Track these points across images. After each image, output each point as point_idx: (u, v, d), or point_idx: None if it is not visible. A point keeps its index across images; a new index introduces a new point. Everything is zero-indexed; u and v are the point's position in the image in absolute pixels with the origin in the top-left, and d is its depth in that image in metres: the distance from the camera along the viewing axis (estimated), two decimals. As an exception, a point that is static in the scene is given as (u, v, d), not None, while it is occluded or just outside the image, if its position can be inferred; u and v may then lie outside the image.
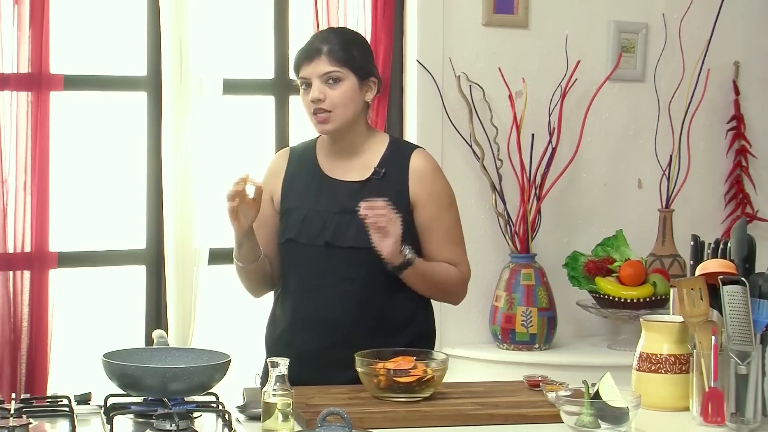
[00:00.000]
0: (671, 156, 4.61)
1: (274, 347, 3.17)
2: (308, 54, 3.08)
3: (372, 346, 2.92)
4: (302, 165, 3.20)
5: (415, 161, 3.14)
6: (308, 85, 3.09)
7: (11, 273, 3.98)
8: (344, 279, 3.07)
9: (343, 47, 3.08)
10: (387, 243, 2.96)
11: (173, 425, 2.45)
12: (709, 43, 4.61)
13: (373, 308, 3.09)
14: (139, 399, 2.67)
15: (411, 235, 3.08)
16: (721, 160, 4.82)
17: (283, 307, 3.20)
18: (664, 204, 4.58)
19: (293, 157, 3.23)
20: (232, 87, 4.27)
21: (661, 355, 2.81)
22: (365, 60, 3.13)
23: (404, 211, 3.05)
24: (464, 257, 3.19)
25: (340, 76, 3.06)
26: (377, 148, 3.16)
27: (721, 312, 2.75)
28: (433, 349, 3.14)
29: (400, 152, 3.17)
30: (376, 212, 2.94)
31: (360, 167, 3.14)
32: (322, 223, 3.10)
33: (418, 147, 3.23)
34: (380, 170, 3.12)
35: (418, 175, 3.12)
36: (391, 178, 3.11)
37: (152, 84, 4.21)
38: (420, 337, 3.17)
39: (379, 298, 3.09)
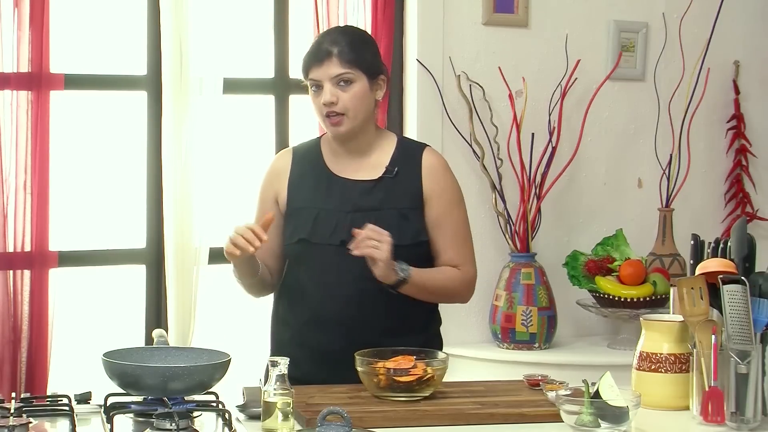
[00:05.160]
0: (671, 155, 4.61)
1: (284, 348, 3.08)
2: (318, 56, 3.04)
3: (387, 346, 2.92)
4: (308, 165, 3.16)
5: (427, 158, 3.15)
6: (319, 87, 3.05)
7: (11, 272, 3.98)
8: (362, 278, 3.01)
9: (353, 48, 3.05)
10: (377, 267, 2.95)
11: (173, 424, 2.45)
12: (709, 43, 4.61)
13: (390, 307, 3.07)
14: (139, 398, 2.67)
15: (423, 233, 3.10)
16: (721, 159, 4.82)
17: (293, 307, 3.15)
18: (664, 203, 4.58)
19: (297, 156, 3.20)
20: (232, 86, 4.27)
21: (661, 354, 2.82)
22: (375, 59, 3.11)
23: (417, 209, 3.09)
24: (470, 257, 3.21)
25: (351, 77, 3.04)
26: (386, 147, 3.16)
27: (721, 311, 2.75)
28: (441, 348, 3.15)
29: (410, 151, 3.17)
30: (364, 243, 2.93)
31: (370, 166, 3.13)
32: (334, 222, 3.07)
33: (427, 145, 3.23)
34: (392, 169, 3.11)
35: (430, 171, 3.13)
36: (404, 177, 3.12)
37: (152, 83, 4.21)
38: (433, 336, 3.20)
39: (395, 297, 3.05)
